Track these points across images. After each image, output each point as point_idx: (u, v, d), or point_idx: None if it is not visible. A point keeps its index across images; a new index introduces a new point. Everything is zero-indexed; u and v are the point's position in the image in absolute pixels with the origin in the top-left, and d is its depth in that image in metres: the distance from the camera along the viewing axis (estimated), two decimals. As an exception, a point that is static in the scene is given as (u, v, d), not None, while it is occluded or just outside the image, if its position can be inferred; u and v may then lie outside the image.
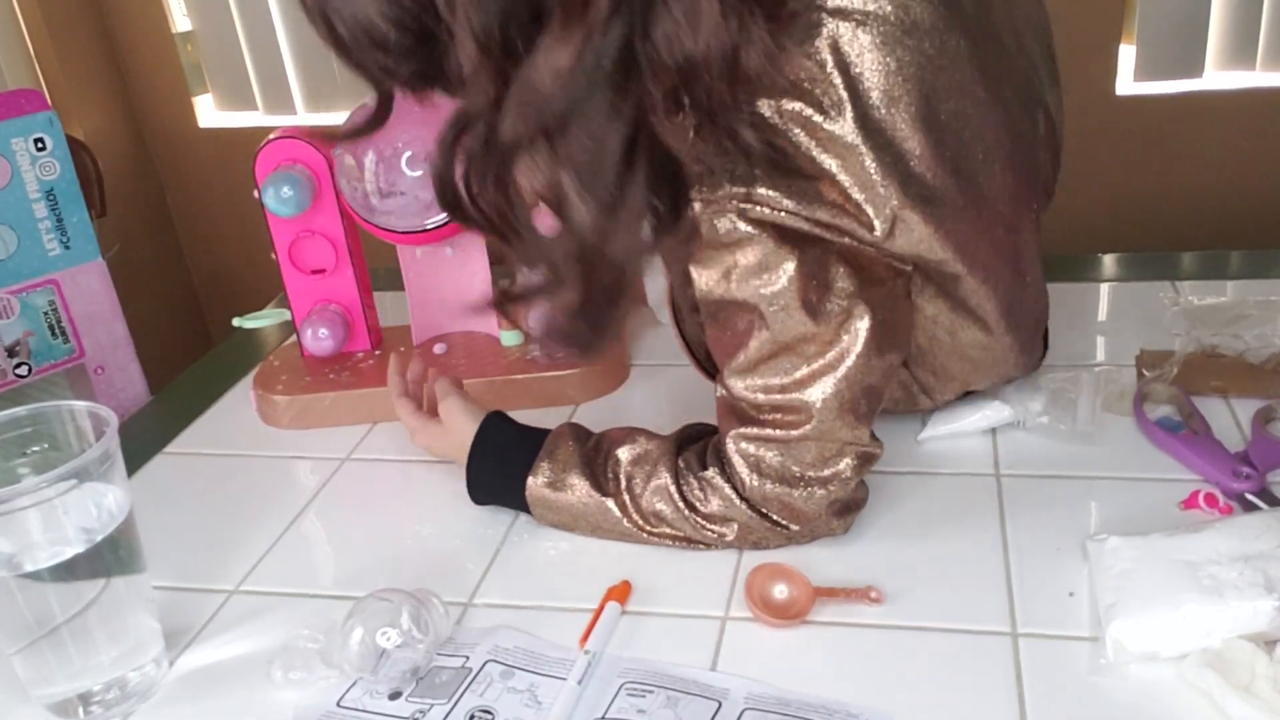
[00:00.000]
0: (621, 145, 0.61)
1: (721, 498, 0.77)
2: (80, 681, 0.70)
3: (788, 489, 0.76)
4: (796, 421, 0.75)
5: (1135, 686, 0.65)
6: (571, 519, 0.83)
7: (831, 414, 0.74)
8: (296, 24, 2.05)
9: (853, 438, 0.76)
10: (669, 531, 0.80)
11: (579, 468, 0.82)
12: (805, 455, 0.75)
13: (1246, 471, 0.81)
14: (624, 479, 0.80)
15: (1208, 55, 1.78)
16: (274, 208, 0.98)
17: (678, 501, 0.78)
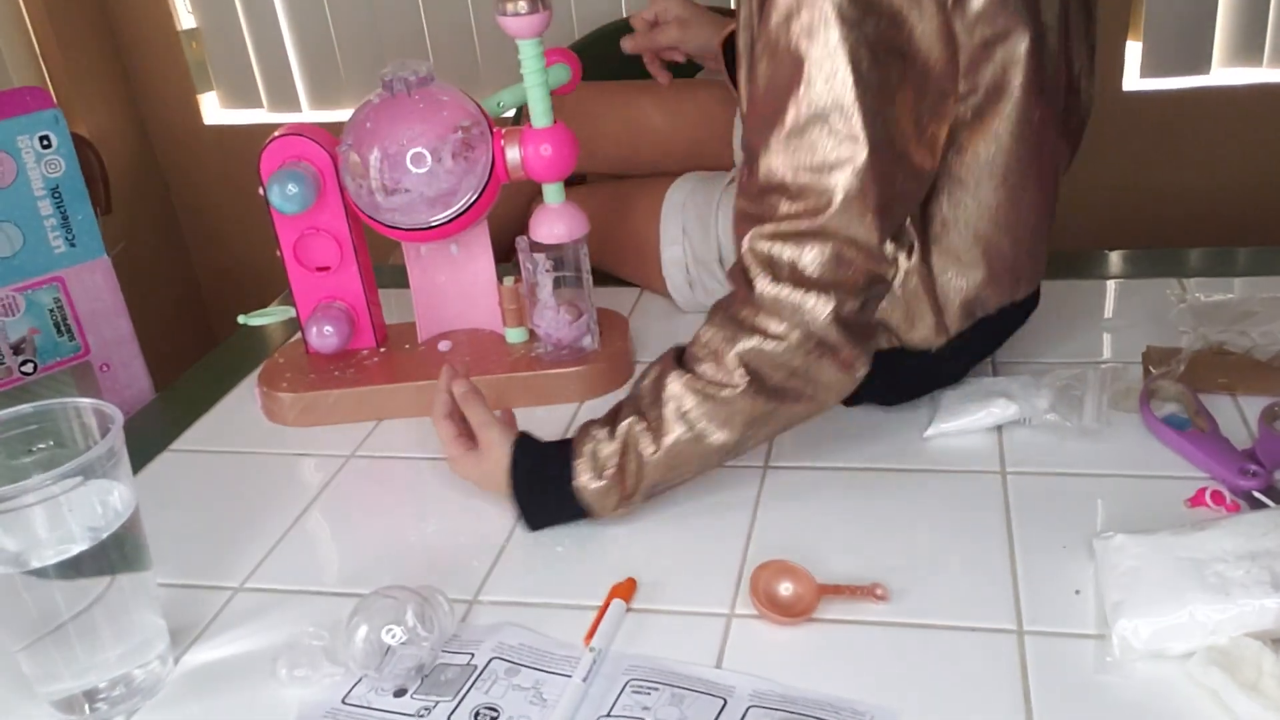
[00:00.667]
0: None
1: (726, 341, 0.79)
2: (86, 678, 0.70)
3: (798, 290, 0.77)
4: (816, 209, 0.77)
5: (1141, 684, 0.65)
6: (624, 494, 0.82)
7: (851, 209, 0.76)
8: (301, 21, 2.05)
9: (865, 239, 0.77)
10: (695, 424, 0.80)
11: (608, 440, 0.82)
12: (818, 254, 0.77)
13: (1253, 469, 0.80)
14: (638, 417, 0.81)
15: (1214, 52, 1.78)
16: (279, 205, 0.98)
17: (692, 386, 0.80)
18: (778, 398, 0.80)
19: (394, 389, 1.04)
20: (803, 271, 0.78)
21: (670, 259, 1.16)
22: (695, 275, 1.15)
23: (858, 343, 0.80)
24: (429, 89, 0.98)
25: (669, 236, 1.16)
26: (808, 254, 0.78)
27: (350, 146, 0.98)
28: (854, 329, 0.79)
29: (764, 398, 0.79)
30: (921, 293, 0.89)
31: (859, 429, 0.94)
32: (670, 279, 1.17)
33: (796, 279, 0.78)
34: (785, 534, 0.82)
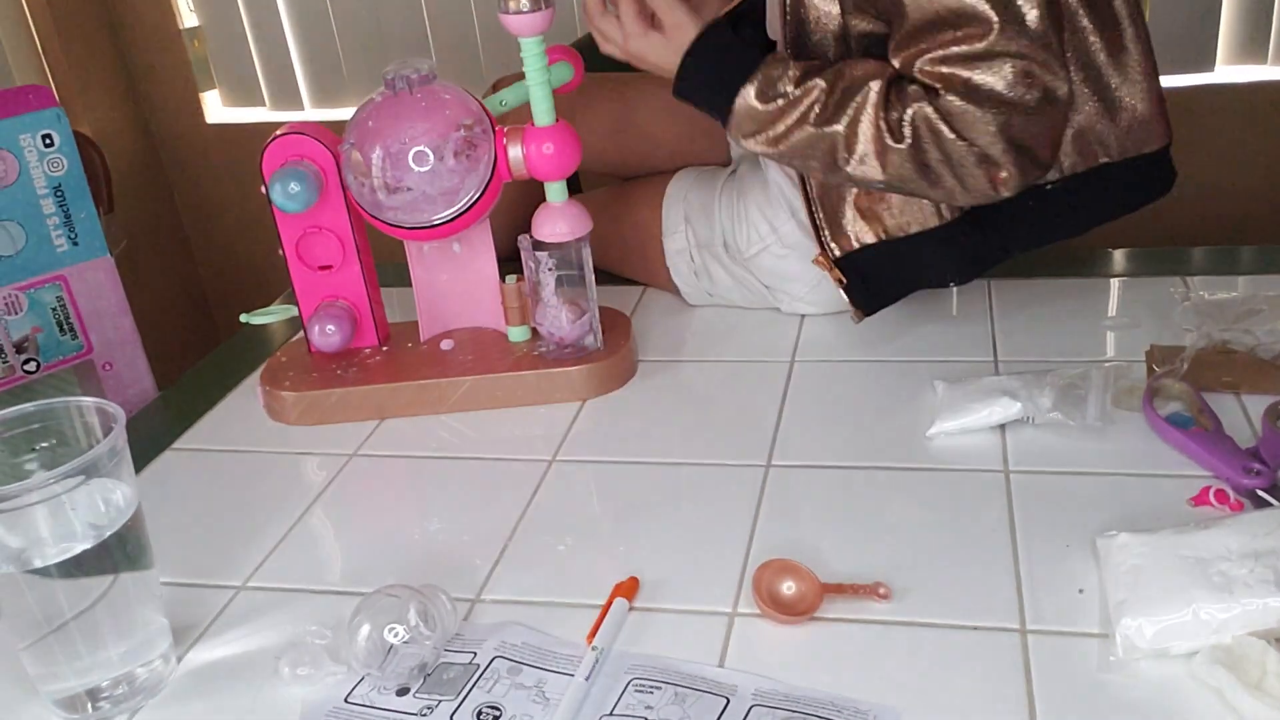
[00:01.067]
0: None
1: (916, 107, 0.87)
2: (88, 677, 0.70)
3: (970, 105, 0.85)
4: (980, 34, 0.84)
5: (1145, 683, 0.65)
6: (765, 133, 0.91)
7: (1012, 25, 0.83)
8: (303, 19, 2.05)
9: (1033, 53, 0.84)
10: (856, 141, 0.88)
11: (792, 84, 0.90)
12: (988, 74, 0.84)
13: (1257, 468, 0.80)
14: (827, 91, 0.89)
15: (1219, 49, 1.78)
16: (281, 204, 0.98)
17: (877, 115, 0.88)
18: (924, 172, 0.89)
19: (396, 388, 1.04)
20: (977, 88, 0.85)
21: (674, 249, 1.16)
22: (700, 262, 1.15)
23: (1018, 164, 0.87)
24: (431, 87, 0.98)
25: (671, 226, 1.16)
26: (978, 74, 0.85)
27: (352, 145, 0.98)
28: (1020, 149, 0.86)
29: (913, 166, 0.88)
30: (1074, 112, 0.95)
31: (861, 427, 0.94)
32: (675, 268, 1.17)
33: (969, 95, 0.85)
34: (788, 533, 0.82)
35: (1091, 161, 0.98)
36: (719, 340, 1.13)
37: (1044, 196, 0.98)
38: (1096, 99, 0.96)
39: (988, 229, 1.01)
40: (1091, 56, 0.94)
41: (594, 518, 0.88)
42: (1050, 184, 0.98)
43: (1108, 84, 0.95)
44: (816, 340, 1.10)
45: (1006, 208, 0.95)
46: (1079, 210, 1.01)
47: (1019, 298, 1.13)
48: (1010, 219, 1.00)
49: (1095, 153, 0.98)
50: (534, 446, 0.97)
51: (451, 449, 0.98)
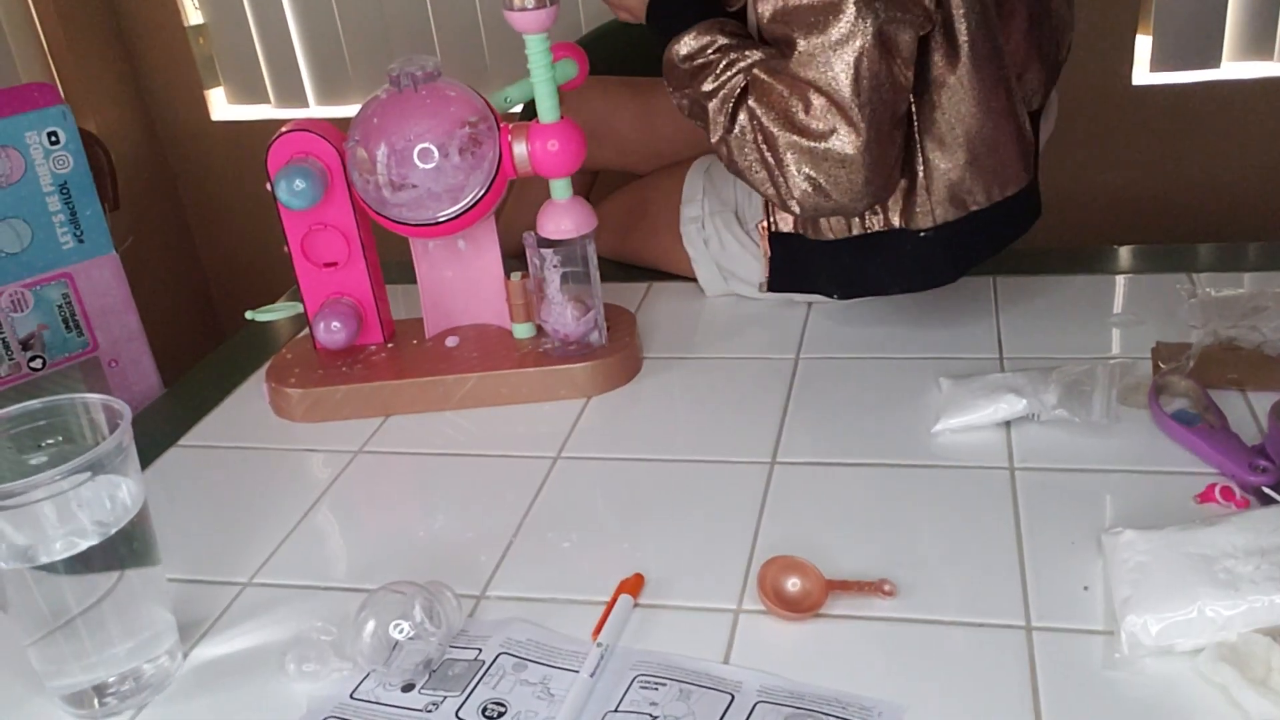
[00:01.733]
0: None
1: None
2: (95, 673, 0.70)
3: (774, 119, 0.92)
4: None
5: (1150, 680, 0.65)
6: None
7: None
8: (308, 17, 2.05)
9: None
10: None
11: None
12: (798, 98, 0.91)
13: (1263, 465, 0.80)
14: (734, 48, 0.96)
15: (1225, 45, 1.77)
16: (286, 201, 0.98)
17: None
18: (744, 165, 0.96)
19: (402, 384, 1.04)
20: (785, 107, 0.91)
21: (689, 216, 1.19)
22: (710, 230, 1.16)
23: (807, 187, 0.92)
24: (436, 84, 0.98)
25: (690, 195, 1.19)
26: (791, 96, 0.91)
27: (357, 142, 0.98)
28: (808, 178, 0.92)
29: (734, 157, 0.96)
30: (910, 172, 0.98)
31: (866, 424, 0.94)
32: (686, 235, 1.19)
33: (777, 110, 0.92)
34: (793, 530, 0.82)
35: (962, 211, 1.00)
36: (724, 337, 1.13)
37: (919, 242, 1.01)
38: (966, 150, 0.98)
39: (870, 259, 1.04)
40: (963, 111, 0.97)
41: (599, 514, 0.88)
42: (924, 231, 1.01)
43: (976, 136, 0.98)
44: (821, 337, 1.10)
45: (888, 243, 1.02)
46: (951, 256, 1.04)
47: (1024, 294, 1.13)
48: (890, 256, 1.03)
49: (965, 202, 1.00)
50: (539, 443, 0.97)
51: (457, 446, 0.99)
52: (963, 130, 0.97)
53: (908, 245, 1.02)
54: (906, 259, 1.03)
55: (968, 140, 0.98)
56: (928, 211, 1.00)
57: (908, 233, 1.01)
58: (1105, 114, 1.82)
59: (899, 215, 1.00)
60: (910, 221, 1.00)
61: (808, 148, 0.91)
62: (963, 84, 0.96)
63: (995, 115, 0.98)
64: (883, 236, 1.01)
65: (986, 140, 0.98)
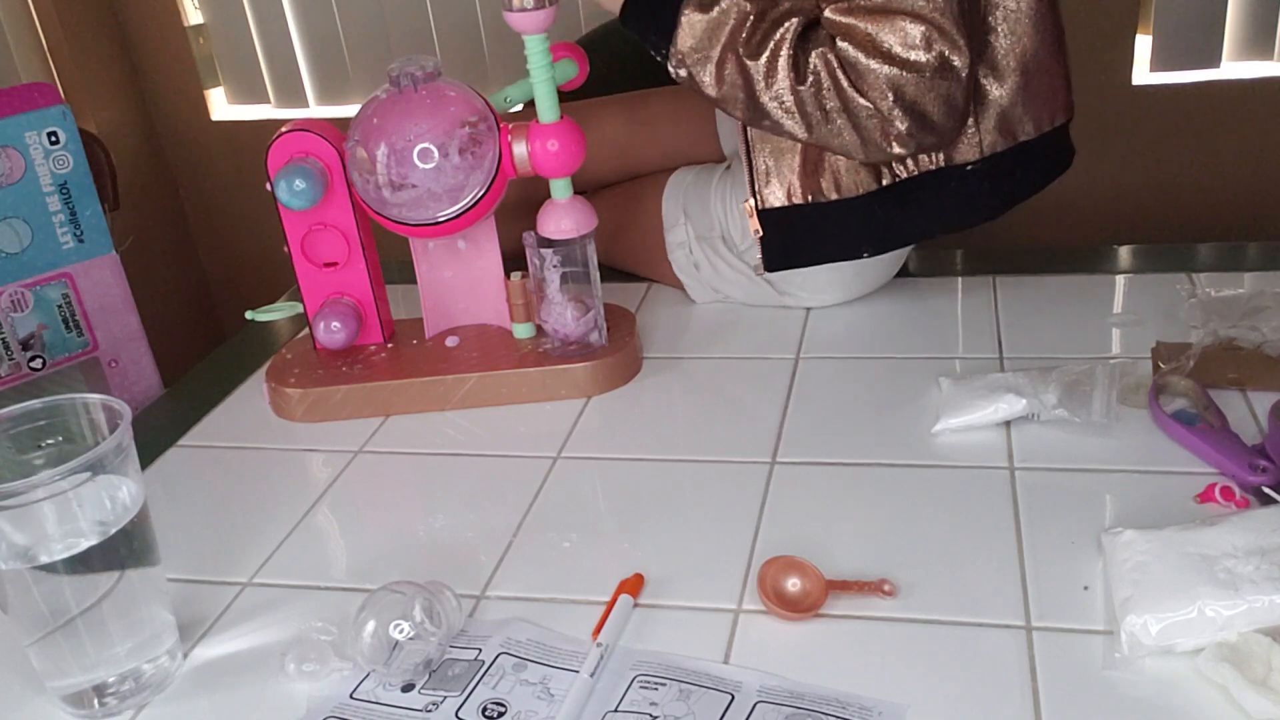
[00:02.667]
0: None
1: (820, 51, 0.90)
2: (95, 673, 0.70)
3: (868, 58, 0.89)
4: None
5: (1150, 680, 0.65)
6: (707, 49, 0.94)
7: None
8: (308, 16, 2.05)
9: (941, 21, 0.87)
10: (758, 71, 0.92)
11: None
12: (895, 28, 0.87)
13: (1263, 465, 0.80)
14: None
15: (1225, 45, 1.77)
16: (286, 201, 0.98)
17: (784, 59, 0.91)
18: (826, 119, 0.92)
19: (401, 384, 1.04)
20: (875, 42, 0.88)
21: (674, 242, 1.17)
22: (700, 254, 1.15)
23: (910, 125, 0.90)
24: (436, 84, 0.98)
25: (671, 220, 1.17)
26: (877, 29, 0.87)
27: (357, 142, 0.98)
28: (912, 111, 0.89)
29: (816, 109, 0.92)
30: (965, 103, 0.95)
31: (866, 424, 0.94)
32: (675, 262, 1.18)
33: (867, 47, 0.88)
34: (793, 530, 0.82)
35: (1011, 141, 0.99)
36: (724, 337, 1.13)
37: (964, 177, 1.00)
38: (1020, 75, 0.97)
39: (909, 205, 1.02)
40: (1020, 33, 0.96)
41: (599, 514, 0.88)
42: (971, 164, 0.99)
43: (1031, 60, 0.96)
44: (822, 337, 1.10)
45: (929, 184, 0.99)
46: (998, 190, 1.02)
47: (1024, 294, 1.13)
48: (932, 197, 1.01)
49: (1015, 132, 0.99)
50: (539, 443, 0.97)
51: (456, 446, 0.99)
52: (1016, 56, 0.95)
53: (951, 183, 1.00)
54: (949, 198, 1.01)
55: (1021, 66, 0.96)
56: (976, 143, 0.98)
57: (951, 169, 0.99)
58: (1105, 114, 1.82)
59: (943, 152, 0.99)
60: (955, 157, 0.98)
61: (913, 79, 0.89)
62: (1020, 5, 0.95)
63: (1048, 40, 0.96)
64: (923, 179, 0.99)
65: (1041, 66, 0.97)
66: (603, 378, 1.04)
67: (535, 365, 1.04)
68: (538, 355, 1.06)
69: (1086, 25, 1.76)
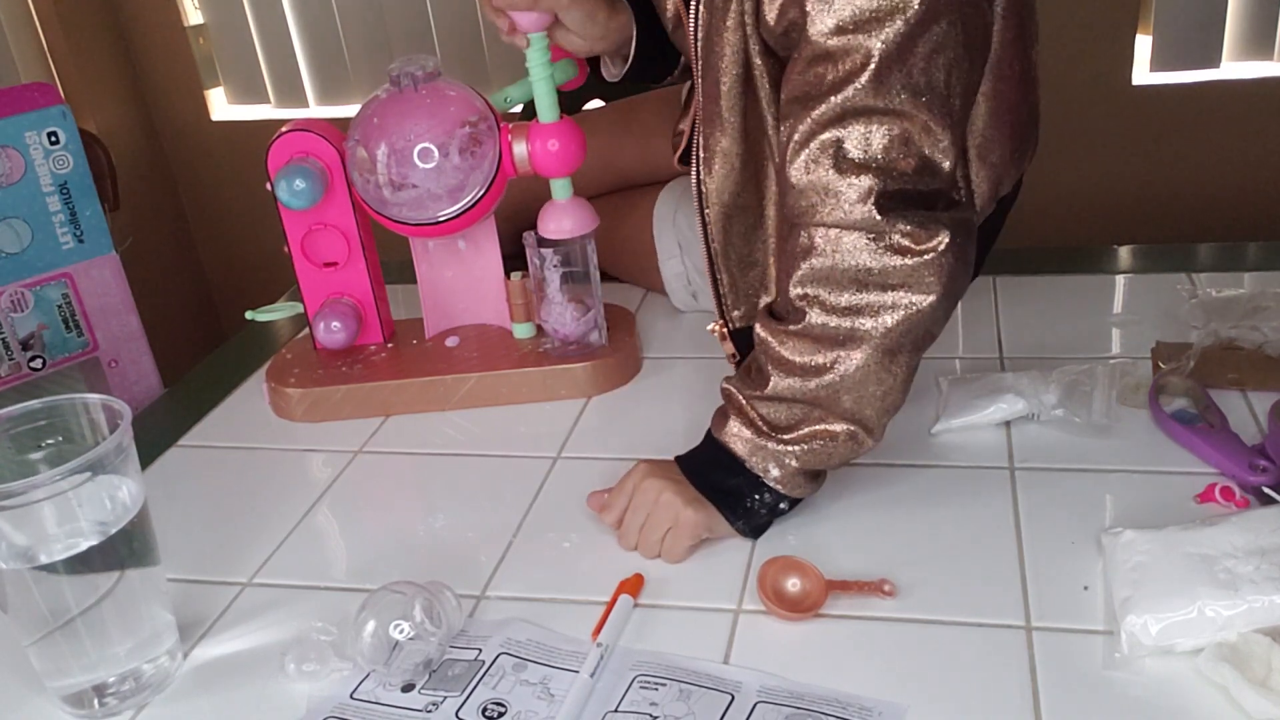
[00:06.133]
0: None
1: (789, 287, 0.76)
2: (95, 673, 0.70)
3: (837, 175, 0.72)
4: (855, 72, 0.71)
5: (1150, 680, 0.65)
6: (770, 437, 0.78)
7: (892, 69, 0.71)
8: (308, 17, 2.05)
9: (914, 114, 0.72)
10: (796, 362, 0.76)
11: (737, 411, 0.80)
12: (862, 134, 0.72)
13: (1263, 465, 0.80)
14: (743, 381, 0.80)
15: (1225, 45, 1.77)
16: (286, 201, 0.98)
17: (771, 330, 0.77)
18: (853, 314, 0.74)
19: (401, 384, 1.04)
20: (844, 152, 0.72)
21: (671, 273, 1.16)
22: (698, 285, 1.15)
23: (917, 221, 0.72)
24: (436, 84, 0.98)
25: (666, 251, 1.16)
26: (848, 133, 0.72)
27: (357, 142, 0.98)
28: (906, 213, 0.72)
29: (839, 317, 0.74)
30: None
31: (867, 424, 0.94)
32: (674, 293, 1.18)
33: (838, 160, 0.73)
34: (793, 530, 0.82)
35: (994, 203, 0.93)
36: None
37: None
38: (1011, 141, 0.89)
39: None
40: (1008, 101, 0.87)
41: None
42: None
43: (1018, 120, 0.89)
44: (821, 337, 1.10)
45: None
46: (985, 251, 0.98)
47: (1024, 294, 1.13)
48: None
49: (999, 190, 0.92)
50: (539, 443, 0.97)
51: (457, 446, 0.99)
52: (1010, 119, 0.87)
53: None
54: None
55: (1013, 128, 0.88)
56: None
57: None
58: (1105, 114, 1.82)
59: None
60: None
61: (892, 183, 0.74)
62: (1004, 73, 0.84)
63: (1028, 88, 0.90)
64: None
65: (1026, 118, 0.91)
66: (602, 378, 1.04)
67: (535, 365, 1.04)
68: (538, 355, 1.06)
69: (1086, 25, 1.76)
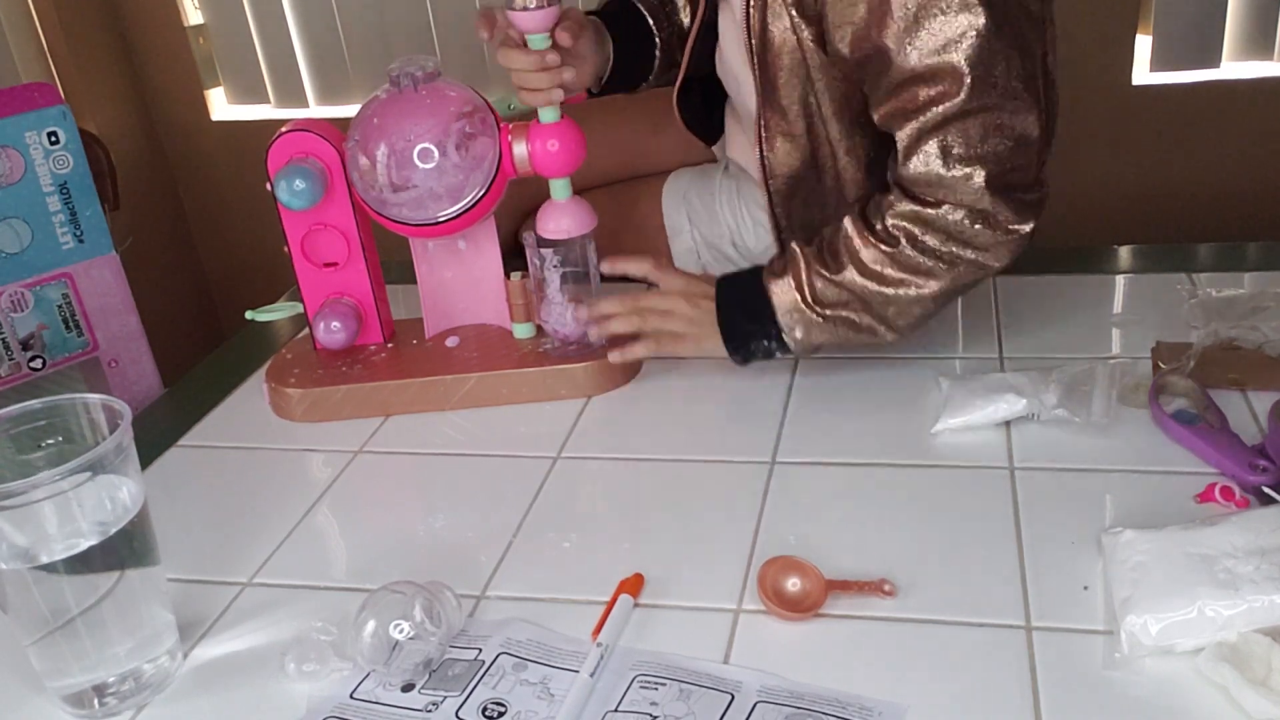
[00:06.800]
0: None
1: (890, 211, 0.89)
2: (95, 673, 0.70)
3: (949, 168, 0.86)
4: (951, 91, 0.84)
5: (1150, 680, 0.65)
6: (802, 297, 0.92)
7: (982, 80, 0.84)
8: (308, 17, 2.05)
9: (1004, 104, 0.84)
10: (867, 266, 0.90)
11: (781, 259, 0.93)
12: (962, 133, 0.85)
13: (1263, 464, 0.80)
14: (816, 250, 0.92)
15: (1224, 45, 1.77)
16: (286, 201, 0.98)
17: (861, 233, 0.90)
18: (937, 259, 0.89)
19: (401, 384, 1.04)
20: (950, 150, 0.86)
21: (682, 249, 1.16)
22: (708, 260, 1.15)
23: (1014, 207, 0.87)
24: (436, 84, 0.98)
25: (675, 227, 1.16)
26: (952, 135, 0.85)
27: (357, 142, 0.98)
28: (1009, 195, 0.87)
29: (923, 258, 0.89)
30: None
31: (866, 424, 0.94)
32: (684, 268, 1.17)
33: (946, 158, 0.86)
34: (793, 529, 0.82)
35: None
36: (724, 337, 1.12)
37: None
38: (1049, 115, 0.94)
39: None
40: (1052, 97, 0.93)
41: (599, 514, 0.88)
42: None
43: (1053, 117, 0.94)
44: (821, 337, 1.10)
45: None
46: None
47: (1024, 294, 1.13)
48: None
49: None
50: (539, 443, 0.97)
51: (457, 446, 0.99)
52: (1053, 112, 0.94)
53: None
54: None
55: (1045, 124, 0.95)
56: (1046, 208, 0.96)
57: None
58: (1105, 114, 1.82)
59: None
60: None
61: (994, 166, 0.87)
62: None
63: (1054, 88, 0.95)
64: None
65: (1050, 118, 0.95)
66: (602, 378, 1.04)
67: (535, 365, 1.04)
68: (538, 355, 1.06)
69: (1086, 25, 1.76)
